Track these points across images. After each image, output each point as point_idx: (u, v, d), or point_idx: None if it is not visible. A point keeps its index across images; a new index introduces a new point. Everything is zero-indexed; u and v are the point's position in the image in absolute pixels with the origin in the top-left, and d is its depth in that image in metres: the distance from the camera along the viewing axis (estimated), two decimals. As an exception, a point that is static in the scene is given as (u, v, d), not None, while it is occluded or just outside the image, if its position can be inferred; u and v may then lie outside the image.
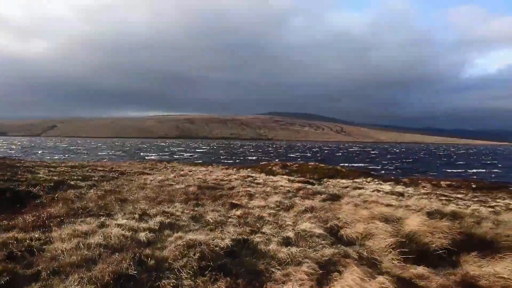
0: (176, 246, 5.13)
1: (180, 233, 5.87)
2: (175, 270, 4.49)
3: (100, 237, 5.46)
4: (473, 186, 23.26)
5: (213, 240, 5.45)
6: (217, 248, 5.12)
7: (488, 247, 6.49)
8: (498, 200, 17.24)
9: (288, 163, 32.09)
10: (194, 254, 4.81)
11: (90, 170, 16.21)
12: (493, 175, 48.21)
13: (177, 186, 11.84)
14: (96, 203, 8.49)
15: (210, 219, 7.21)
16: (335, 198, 11.33)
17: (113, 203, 8.54)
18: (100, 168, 17.66)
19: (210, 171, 21.76)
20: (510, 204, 15.97)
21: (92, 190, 10.47)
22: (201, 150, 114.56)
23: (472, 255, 5.78)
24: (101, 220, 6.65)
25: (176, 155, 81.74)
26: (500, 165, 70.86)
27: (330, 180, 22.33)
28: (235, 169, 26.14)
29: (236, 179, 15.92)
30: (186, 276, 4.35)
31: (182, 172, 19.19)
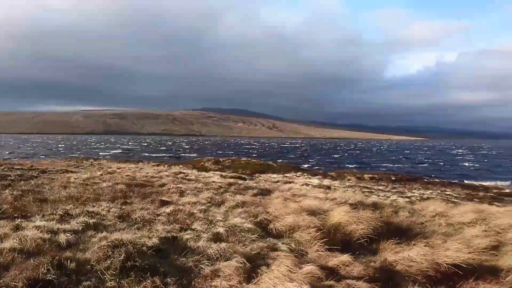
0: (99, 247, 4.90)
1: (104, 233, 5.61)
2: (98, 272, 4.28)
3: (15, 241, 5.03)
4: (393, 178, 25.05)
5: (140, 239, 5.29)
6: (144, 247, 4.96)
7: (404, 234, 7.06)
8: (413, 191, 18.79)
9: (221, 159, 32.13)
10: (119, 255, 4.62)
11: (6, 169, 14.86)
12: (411, 168, 52.39)
13: (104, 184, 11.31)
14: (12, 204, 7.82)
15: (138, 218, 6.99)
16: (265, 192, 11.58)
17: (31, 204, 7.94)
18: (17, 167, 16.27)
19: (140, 168, 21.08)
20: (424, 194, 17.50)
21: (7, 191, 9.60)
22: (131, 147, 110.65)
23: (390, 242, 6.25)
24: (17, 222, 6.12)
25: (104, 152, 78.07)
26: (417, 158, 77.32)
27: (262, 175, 22.76)
28: (166, 165, 25.61)
29: (167, 175, 15.59)
30: (109, 277, 4.16)
31: (110, 169, 18.33)
